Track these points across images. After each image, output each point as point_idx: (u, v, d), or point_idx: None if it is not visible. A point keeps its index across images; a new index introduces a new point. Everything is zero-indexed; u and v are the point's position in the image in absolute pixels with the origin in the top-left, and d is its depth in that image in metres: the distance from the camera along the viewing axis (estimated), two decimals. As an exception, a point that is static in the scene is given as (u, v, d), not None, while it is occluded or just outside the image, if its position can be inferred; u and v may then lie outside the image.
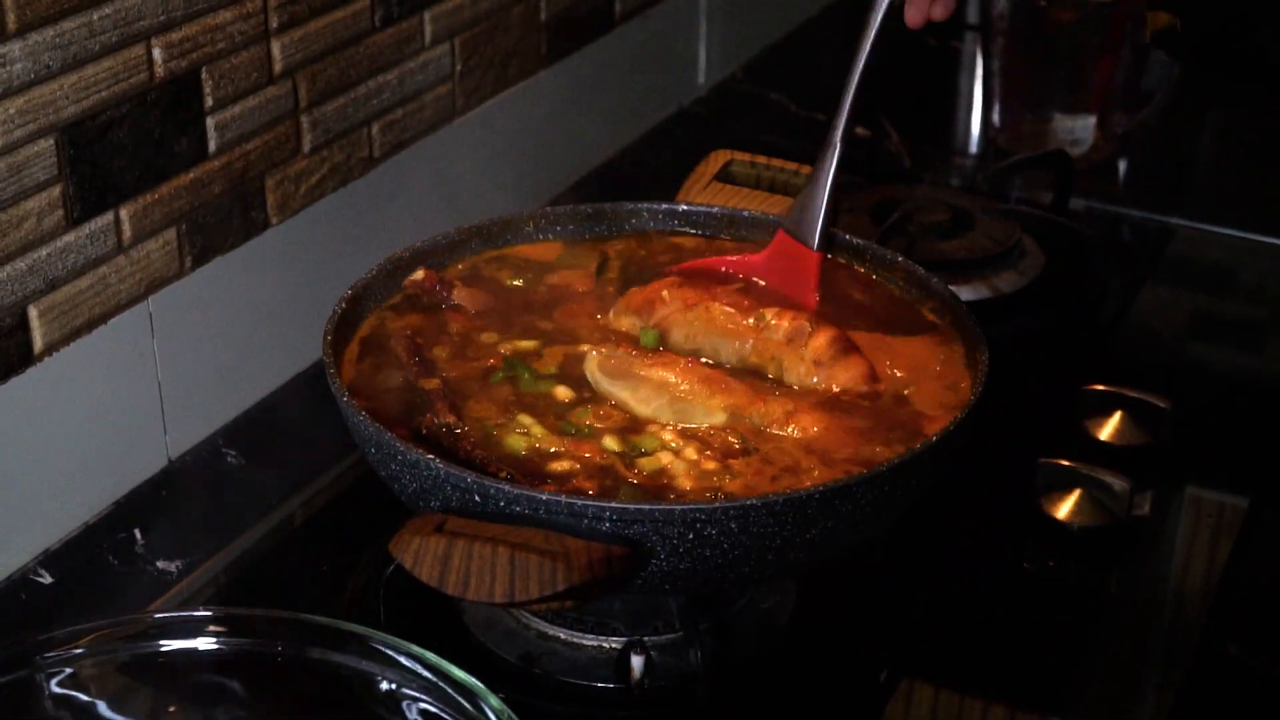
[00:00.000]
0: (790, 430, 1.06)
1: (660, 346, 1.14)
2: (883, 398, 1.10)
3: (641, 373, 1.09)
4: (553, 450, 1.04)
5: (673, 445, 1.04)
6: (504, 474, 1.00)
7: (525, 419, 1.06)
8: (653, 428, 1.06)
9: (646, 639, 1.06)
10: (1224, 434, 1.37)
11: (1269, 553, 1.24)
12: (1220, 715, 1.10)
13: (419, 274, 1.18)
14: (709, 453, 1.04)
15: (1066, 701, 1.13)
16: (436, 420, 1.05)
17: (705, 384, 1.08)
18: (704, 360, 1.13)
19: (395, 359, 1.11)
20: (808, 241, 1.15)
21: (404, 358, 1.11)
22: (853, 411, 1.08)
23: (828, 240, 1.17)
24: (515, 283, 1.21)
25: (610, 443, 1.04)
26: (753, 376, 1.12)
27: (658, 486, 1.01)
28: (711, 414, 1.07)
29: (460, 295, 1.18)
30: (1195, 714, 1.09)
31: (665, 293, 1.15)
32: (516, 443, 1.04)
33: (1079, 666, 1.15)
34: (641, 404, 1.08)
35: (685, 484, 1.01)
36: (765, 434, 1.06)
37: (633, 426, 1.07)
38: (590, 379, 1.10)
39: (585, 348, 1.13)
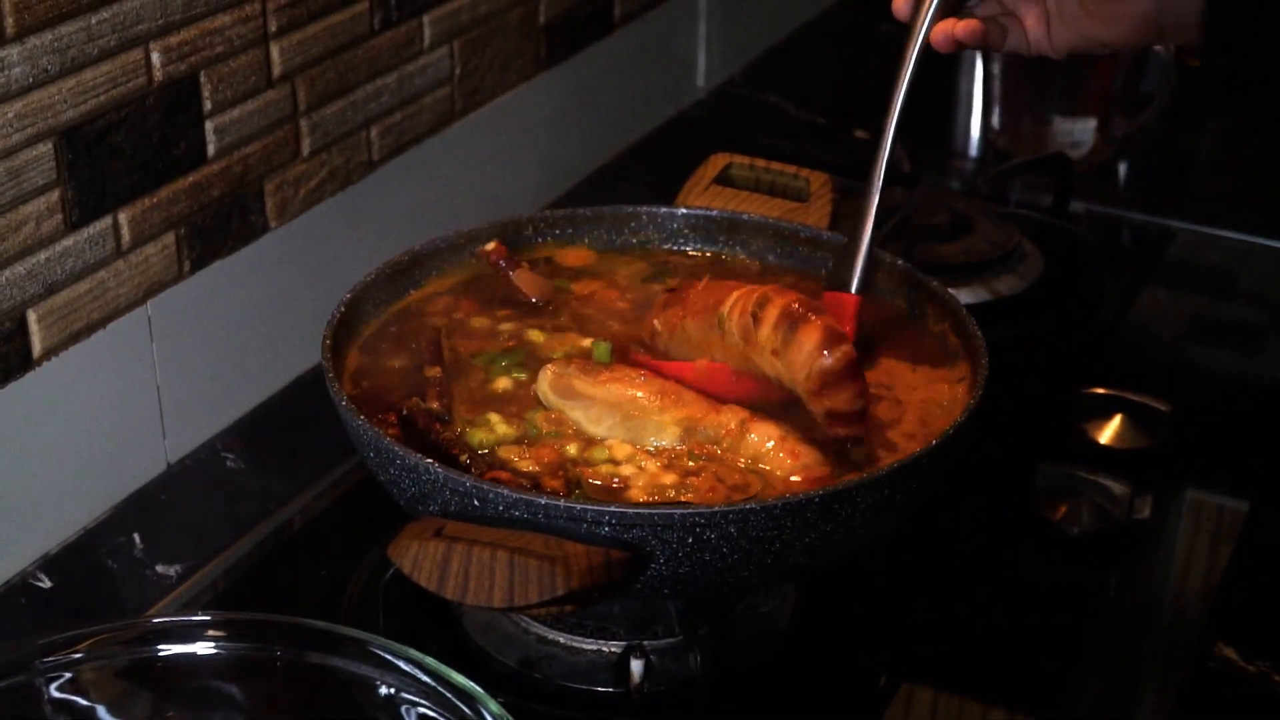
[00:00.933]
0: (750, 438, 1.04)
1: (611, 360, 1.11)
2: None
3: (592, 391, 1.07)
4: (513, 445, 1.05)
5: (629, 460, 1.04)
6: (464, 458, 1.01)
7: (494, 416, 1.07)
8: (610, 443, 1.06)
9: (646, 643, 1.06)
10: (1224, 437, 1.37)
11: (1269, 556, 1.24)
12: (1219, 719, 1.10)
13: (490, 244, 1.21)
14: (666, 467, 1.04)
15: (1065, 705, 1.12)
16: (422, 404, 1.06)
17: (659, 397, 1.06)
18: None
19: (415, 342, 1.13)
20: (846, 285, 1.12)
21: (422, 342, 1.13)
22: (811, 423, 1.05)
23: (867, 284, 1.12)
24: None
25: (571, 449, 1.05)
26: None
27: (609, 490, 1.02)
28: (664, 429, 1.05)
29: (521, 278, 1.20)
30: (1194, 718, 1.08)
31: (656, 322, 1.14)
32: (479, 436, 1.05)
33: (1078, 670, 1.15)
34: (594, 424, 1.06)
35: (638, 494, 1.01)
36: (721, 448, 1.05)
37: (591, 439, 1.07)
38: (542, 398, 1.08)
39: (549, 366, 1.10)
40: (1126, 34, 1.09)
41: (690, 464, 1.04)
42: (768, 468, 1.03)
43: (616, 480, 1.03)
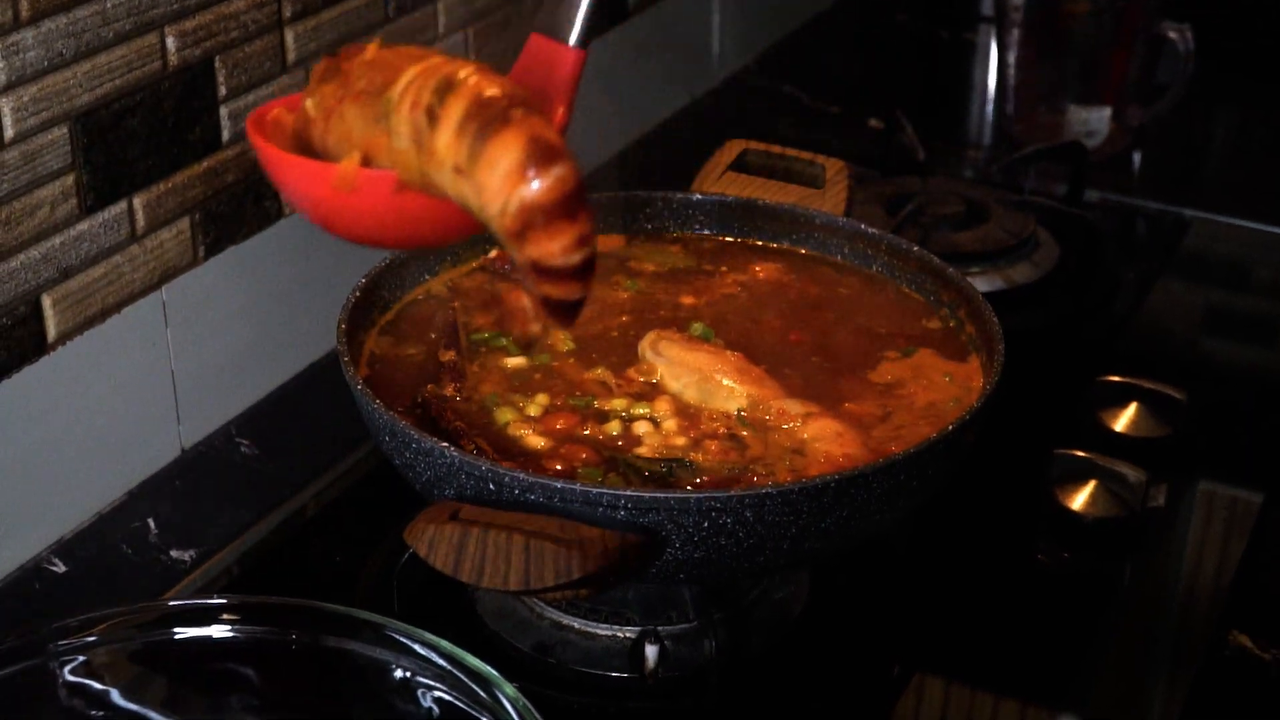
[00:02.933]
0: (804, 435, 1.05)
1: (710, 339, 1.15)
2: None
3: (683, 355, 1.10)
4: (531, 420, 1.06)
5: (656, 417, 1.06)
6: (470, 448, 1.01)
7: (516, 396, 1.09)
8: (660, 402, 1.08)
9: (661, 629, 1.06)
10: (1238, 428, 1.37)
11: (1283, 547, 1.24)
12: (1232, 709, 1.09)
13: (494, 252, 1.20)
14: (692, 431, 1.05)
15: (1077, 696, 1.12)
16: (436, 390, 1.06)
17: (738, 375, 1.09)
18: None
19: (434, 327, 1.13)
20: (562, 33, 0.91)
21: (439, 327, 1.13)
22: (872, 427, 1.07)
23: (589, 36, 0.93)
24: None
25: (618, 403, 1.07)
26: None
27: (613, 447, 1.03)
28: (732, 398, 1.07)
29: (516, 299, 1.19)
30: (1207, 708, 1.08)
31: (308, 102, 0.86)
32: (504, 415, 1.06)
33: (1091, 659, 1.15)
34: (674, 379, 1.09)
35: (644, 451, 1.03)
36: (770, 429, 1.06)
37: (647, 394, 1.09)
38: (640, 353, 1.12)
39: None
40: None
41: (711, 425, 1.05)
42: (819, 443, 1.04)
43: (622, 441, 1.04)
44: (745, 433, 1.06)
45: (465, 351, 1.12)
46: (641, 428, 1.06)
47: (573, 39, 0.90)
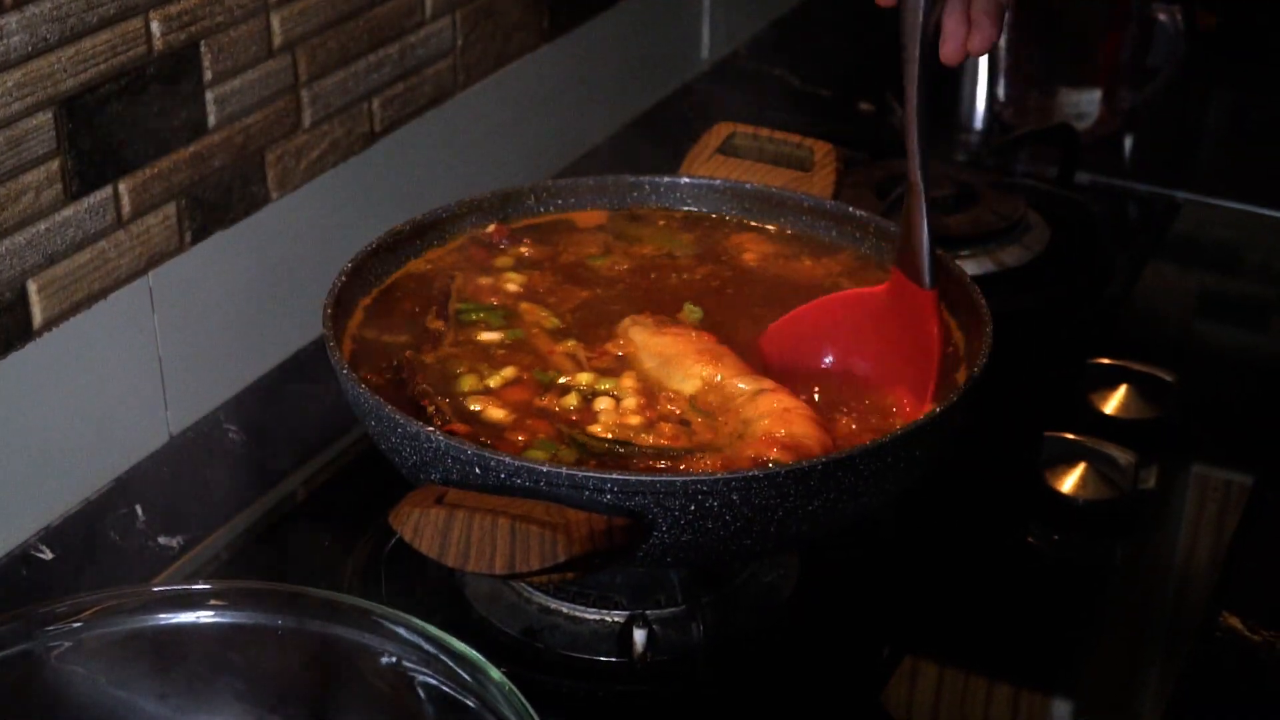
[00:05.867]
0: (751, 409, 1.05)
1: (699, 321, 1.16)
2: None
3: (648, 338, 1.12)
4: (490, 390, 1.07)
5: (618, 394, 1.07)
6: (432, 408, 1.03)
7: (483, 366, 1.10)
8: (626, 378, 1.09)
9: (649, 612, 1.06)
10: (1229, 411, 1.37)
11: (1275, 529, 1.24)
12: (1224, 691, 1.09)
13: (490, 226, 1.22)
14: (649, 411, 1.06)
15: (1069, 680, 1.12)
16: (416, 355, 1.08)
17: (698, 355, 1.09)
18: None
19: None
20: (919, 280, 1.08)
21: (436, 295, 1.15)
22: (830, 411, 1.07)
23: (937, 276, 1.09)
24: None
25: (584, 378, 1.09)
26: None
27: (568, 421, 1.04)
28: (688, 380, 1.08)
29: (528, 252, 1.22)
30: (1198, 689, 1.08)
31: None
32: (467, 383, 1.08)
33: (1083, 639, 1.15)
34: (647, 359, 1.11)
35: (596, 429, 1.03)
36: (722, 411, 1.05)
37: (615, 369, 1.10)
38: (620, 332, 1.14)
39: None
40: None
41: (667, 408, 1.06)
42: (764, 420, 1.03)
43: (578, 416, 1.05)
44: (698, 419, 1.05)
45: (451, 321, 1.13)
46: (602, 403, 1.06)
47: (927, 281, 1.08)
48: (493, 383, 1.08)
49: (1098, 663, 1.14)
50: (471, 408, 1.06)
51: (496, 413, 1.05)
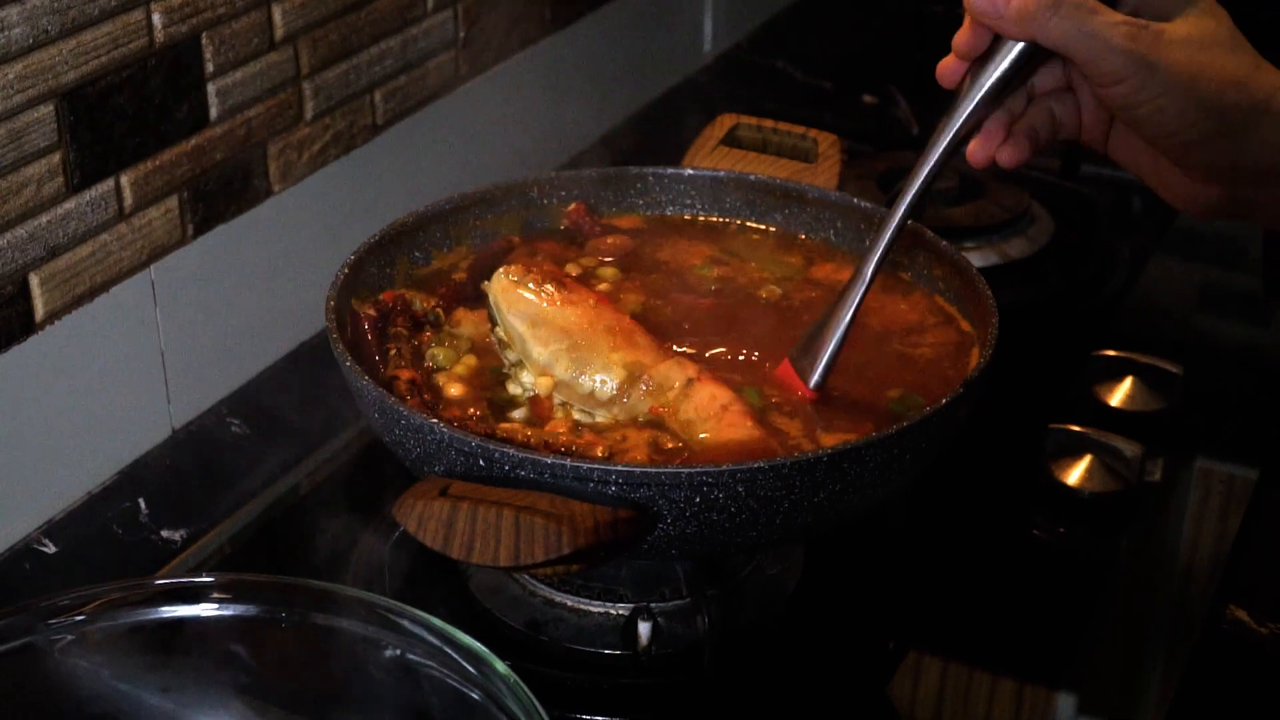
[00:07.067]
0: (687, 406, 1.01)
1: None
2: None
3: (545, 308, 1.03)
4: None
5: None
6: (394, 350, 1.04)
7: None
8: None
9: (653, 605, 1.06)
10: (1233, 405, 1.36)
11: (1278, 526, 1.23)
12: (1230, 684, 1.09)
13: (571, 205, 1.21)
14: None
15: (1074, 672, 1.12)
16: (406, 298, 1.11)
17: (612, 335, 1.03)
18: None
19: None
20: (805, 378, 1.03)
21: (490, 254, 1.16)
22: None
23: (824, 382, 1.03)
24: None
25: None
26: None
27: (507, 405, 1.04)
28: (610, 369, 1.02)
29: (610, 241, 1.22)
30: (1205, 683, 1.08)
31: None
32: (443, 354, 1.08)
33: (1088, 635, 1.14)
34: (539, 343, 1.03)
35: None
36: (661, 402, 1.02)
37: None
38: (492, 303, 1.05)
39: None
40: (1193, 206, 0.94)
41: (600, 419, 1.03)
42: (704, 433, 1.00)
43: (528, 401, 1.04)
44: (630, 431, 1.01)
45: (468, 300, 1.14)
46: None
47: (812, 383, 1.03)
48: (460, 370, 1.07)
49: (1103, 655, 1.14)
50: (436, 380, 1.06)
51: (453, 389, 1.05)
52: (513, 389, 1.06)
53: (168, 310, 1.22)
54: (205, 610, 0.93)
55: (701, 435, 1.00)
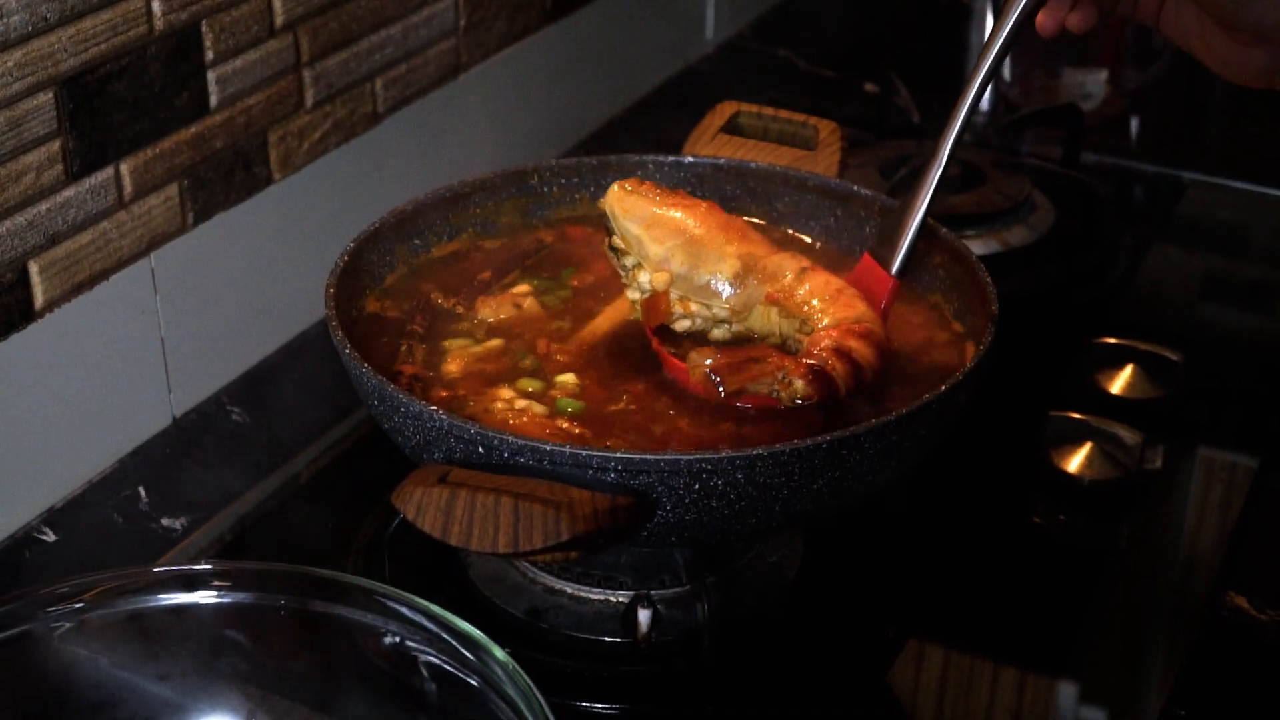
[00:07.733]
0: (803, 290, 1.04)
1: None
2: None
3: (658, 211, 1.06)
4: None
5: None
6: (405, 380, 1.05)
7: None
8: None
9: (653, 593, 1.06)
10: (1234, 393, 1.36)
11: (1278, 514, 1.23)
12: (1231, 671, 1.09)
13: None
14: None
15: (1074, 660, 1.12)
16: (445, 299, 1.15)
17: (722, 230, 1.06)
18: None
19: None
20: (887, 265, 1.09)
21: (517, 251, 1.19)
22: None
23: (907, 268, 1.09)
24: None
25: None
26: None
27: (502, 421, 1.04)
28: (724, 260, 1.06)
29: None
30: (1206, 670, 1.08)
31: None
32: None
33: (1089, 623, 1.14)
34: (655, 243, 1.06)
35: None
36: (775, 287, 1.05)
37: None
38: (608, 213, 1.08)
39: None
40: (1240, 73, 0.98)
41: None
42: (820, 318, 1.03)
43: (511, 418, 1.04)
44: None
45: (493, 288, 1.15)
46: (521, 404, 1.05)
47: (894, 268, 1.08)
48: (477, 349, 1.09)
49: (1103, 643, 1.14)
50: (443, 367, 1.07)
51: (451, 366, 1.07)
52: (631, 294, 1.07)
53: (168, 298, 1.22)
54: (204, 598, 0.93)
55: (820, 317, 1.03)
